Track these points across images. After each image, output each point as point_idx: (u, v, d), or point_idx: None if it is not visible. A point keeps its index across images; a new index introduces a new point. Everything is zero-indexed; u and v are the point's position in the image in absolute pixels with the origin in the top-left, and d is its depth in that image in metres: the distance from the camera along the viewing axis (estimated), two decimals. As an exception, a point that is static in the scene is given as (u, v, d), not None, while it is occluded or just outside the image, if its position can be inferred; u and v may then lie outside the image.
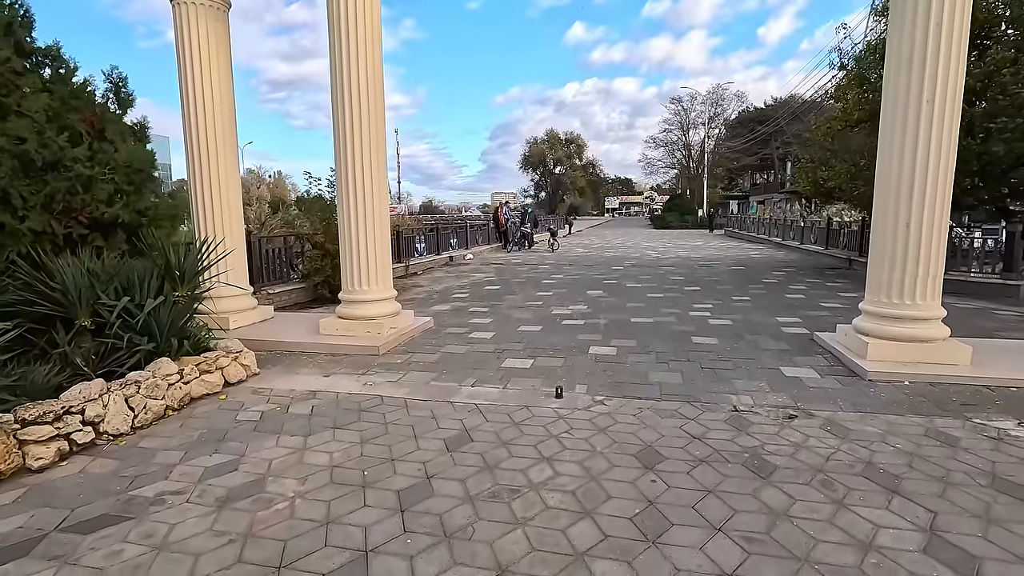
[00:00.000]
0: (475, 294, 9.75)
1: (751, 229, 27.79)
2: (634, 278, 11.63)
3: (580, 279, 11.61)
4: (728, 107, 55.56)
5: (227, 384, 4.58)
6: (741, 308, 7.94)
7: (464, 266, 14.86)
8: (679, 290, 9.86)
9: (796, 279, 11.22)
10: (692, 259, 16.03)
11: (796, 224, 19.44)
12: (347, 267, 6.05)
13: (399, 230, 12.80)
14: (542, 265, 14.67)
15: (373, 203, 5.91)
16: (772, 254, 17.56)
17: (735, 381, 4.59)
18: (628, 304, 8.42)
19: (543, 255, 18.01)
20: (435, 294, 9.84)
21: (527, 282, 11.27)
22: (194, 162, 6.29)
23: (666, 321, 7.08)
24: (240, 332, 6.20)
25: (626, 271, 13.03)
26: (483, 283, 11.26)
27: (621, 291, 9.80)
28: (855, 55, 10.13)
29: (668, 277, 11.74)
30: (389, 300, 6.23)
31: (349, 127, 5.76)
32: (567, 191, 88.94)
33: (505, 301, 8.91)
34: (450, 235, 16.33)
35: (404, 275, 12.62)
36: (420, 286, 11.03)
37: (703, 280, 11.19)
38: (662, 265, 14.31)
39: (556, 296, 9.33)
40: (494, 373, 4.92)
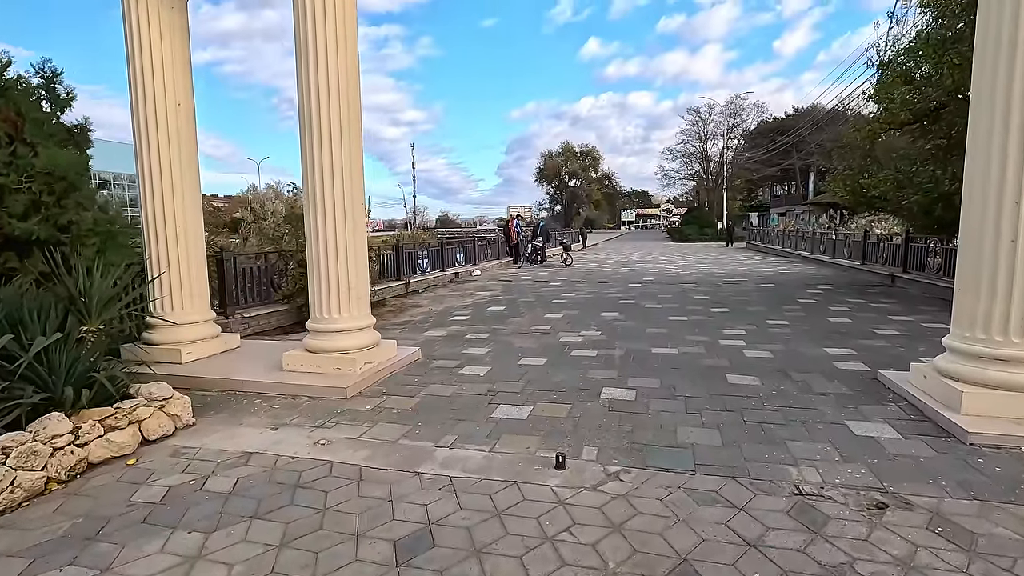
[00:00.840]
0: (476, 316, 8.79)
1: (775, 242, 26.50)
2: (653, 297, 10.58)
3: (594, 299, 10.59)
4: (747, 117, 54.36)
5: (145, 442, 3.66)
6: (780, 335, 6.85)
7: (470, 283, 13.94)
8: (704, 312, 8.78)
9: (835, 298, 10.07)
10: (715, 275, 14.90)
11: (827, 237, 18.19)
12: (314, 291, 5.14)
13: (399, 245, 11.94)
14: (553, 282, 13.68)
15: (345, 215, 5.01)
16: (802, 269, 16.33)
17: (791, 443, 3.54)
18: (647, 330, 7.38)
19: (555, 271, 17.02)
20: (432, 316, 8.90)
21: (535, 302, 10.28)
22: (144, 172, 5.46)
23: (693, 352, 6.03)
24: (192, 367, 5.31)
25: (644, 289, 11.97)
26: (487, 303, 10.30)
27: (639, 313, 8.76)
28: (904, 47, 9.06)
29: (691, 296, 10.66)
30: (365, 330, 5.29)
31: (316, 122, 4.88)
32: (582, 204, 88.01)
33: (508, 325, 7.93)
34: (456, 250, 15.44)
35: (404, 294, 11.73)
36: (419, 306, 10.11)
37: (731, 300, 10.09)
38: (683, 282, 13.22)
39: (566, 319, 8.32)
40: (482, 427, 3.93)
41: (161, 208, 5.47)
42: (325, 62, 4.81)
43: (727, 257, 23.55)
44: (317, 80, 4.82)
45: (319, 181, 4.94)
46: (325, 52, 4.80)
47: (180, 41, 5.55)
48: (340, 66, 4.87)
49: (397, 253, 11.82)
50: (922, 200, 8.76)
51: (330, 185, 4.94)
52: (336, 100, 4.87)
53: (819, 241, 18.73)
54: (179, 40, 5.54)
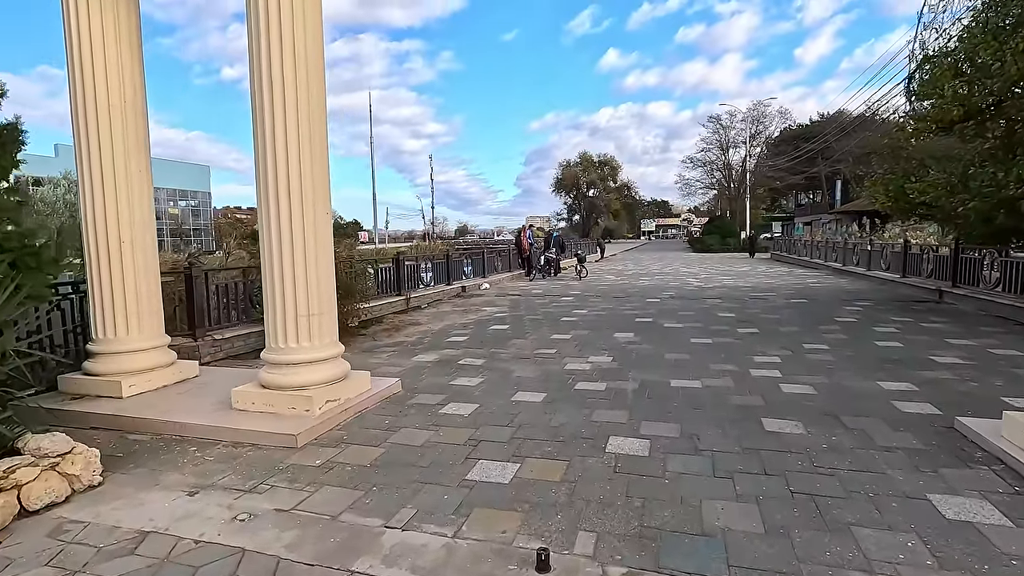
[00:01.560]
0: (476, 337, 7.97)
1: (802, 252, 25.22)
2: (673, 315, 9.63)
3: (607, 316, 9.69)
4: (770, 124, 52.91)
5: (23, 513, 2.91)
6: (821, 364, 5.88)
7: (477, 297, 13.14)
8: (731, 333, 7.83)
9: (879, 317, 9.00)
10: (741, 289, 13.86)
11: (861, 247, 16.98)
12: (268, 315, 4.38)
13: (399, 258, 11.22)
14: (565, 297, 12.81)
15: (305, 225, 4.25)
16: (835, 282, 15.17)
17: (859, 530, 2.62)
18: (666, 355, 6.47)
19: (568, 284, 16.14)
20: (428, 337, 8.11)
21: (543, 320, 9.43)
22: (84, 177, 4.80)
23: (719, 386, 5.11)
24: (133, 404, 4.58)
25: (663, 305, 11.03)
26: (491, 320, 9.48)
27: (657, 334, 7.84)
28: (959, 33, 8.07)
29: (715, 314, 9.69)
30: (329, 362, 4.50)
31: (270, 111, 4.14)
32: (601, 214, 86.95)
33: (509, 348, 7.10)
34: (463, 262, 14.67)
35: (404, 310, 10.97)
36: (417, 324, 9.34)
37: (759, 318, 9.10)
38: (706, 297, 12.23)
39: (575, 341, 7.46)
40: (451, 494, 3.10)
41: (103, 217, 4.79)
42: (279, 41, 4.08)
43: (751, 269, 22.38)
44: (270, 62, 4.10)
45: (272, 183, 4.20)
46: (279, 29, 4.07)
47: (129, 30, 4.89)
48: (300, 47, 4.14)
49: (397, 267, 11.09)
50: (981, 206, 7.72)
51: (285, 188, 4.19)
52: (294, 86, 4.13)
53: (852, 252, 17.51)
54: (129, 30, 4.89)
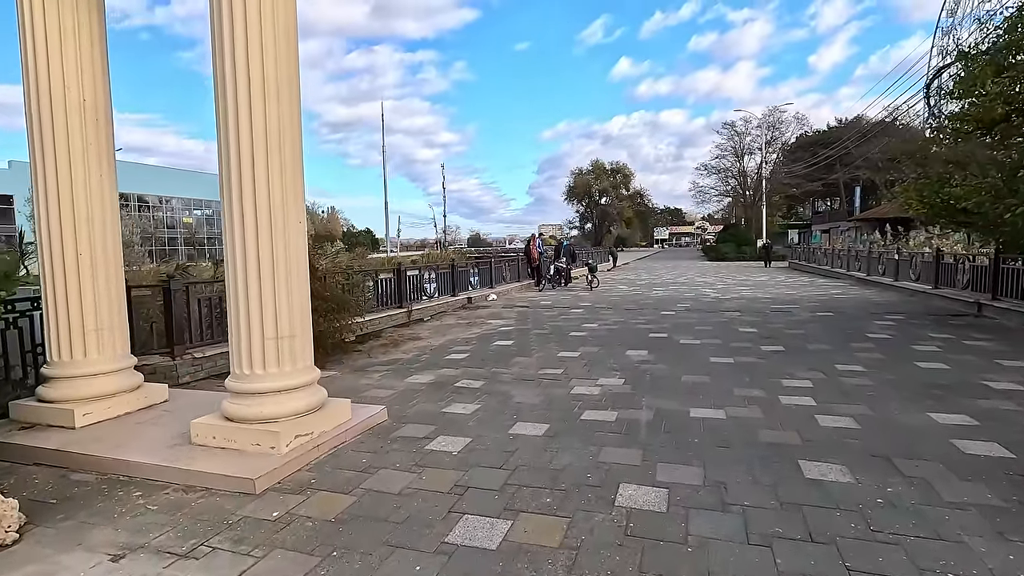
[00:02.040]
0: (478, 354, 7.43)
1: (822, 261, 24.38)
2: (689, 330, 9.00)
3: (619, 331, 9.09)
4: (787, 130, 52.01)
5: (-94, 586, 2.41)
6: (859, 389, 5.24)
7: (483, 309, 12.61)
8: (754, 350, 7.20)
9: (915, 332, 8.31)
10: (761, 300, 13.16)
11: (887, 256, 16.18)
12: (233, 336, 3.88)
13: (400, 268, 10.72)
14: (575, 309, 12.22)
15: (274, 234, 3.76)
16: (860, 294, 14.40)
17: (943, 633, 2.02)
18: (683, 377, 5.87)
19: (579, 295, 15.55)
20: (426, 354, 7.58)
21: (551, 335, 8.86)
22: (38, 183, 4.36)
23: (746, 417, 4.50)
24: (86, 436, 4.10)
25: (679, 318, 10.40)
26: (495, 335, 8.93)
27: (673, 352, 7.24)
28: (1002, 24, 7.43)
29: (735, 328, 9.05)
30: (301, 390, 3.98)
31: (234, 105, 3.66)
32: (613, 222, 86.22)
33: (512, 367, 6.55)
34: (469, 272, 14.15)
35: (405, 323, 10.47)
36: (417, 339, 8.83)
37: (784, 334, 8.44)
38: (724, 309, 11.57)
39: (583, 359, 6.88)
40: (424, 565, 2.54)
41: (57, 226, 4.34)
42: (244, 29, 3.60)
43: (769, 278, 21.59)
44: (234, 43, 3.62)
45: (236, 185, 3.71)
46: (244, 14, 3.59)
47: (90, 21, 4.46)
48: (268, 24, 3.65)
49: (398, 278, 10.60)
50: (1031, 213, 7.04)
51: (251, 190, 3.70)
52: (260, 78, 3.65)
53: (877, 261, 16.71)
54: (90, 21, 4.45)
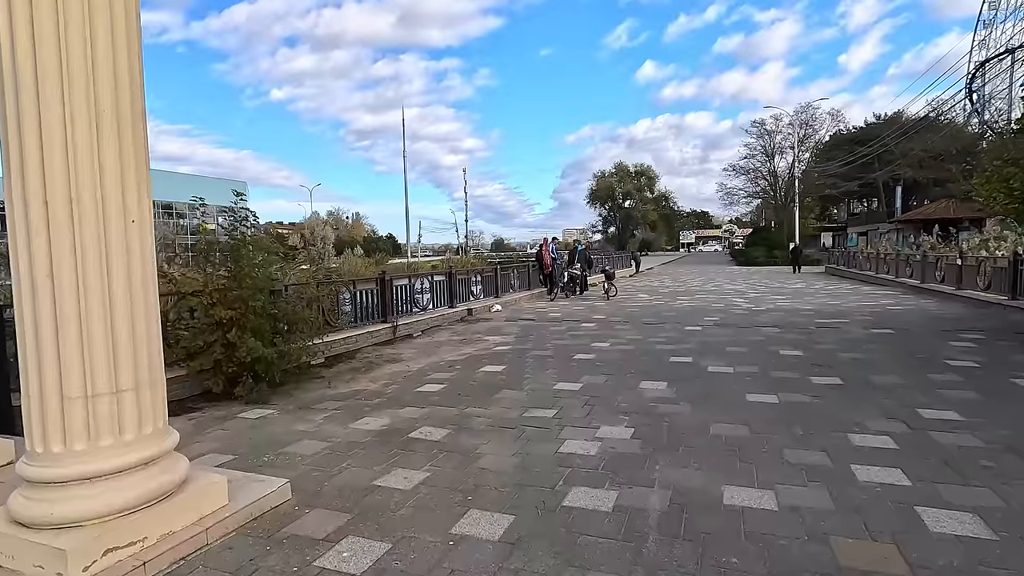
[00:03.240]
0: (457, 386, 6.07)
1: (864, 266, 22.34)
2: (719, 352, 7.48)
3: (633, 353, 7.61)
4: (820, 128, 49.39)
5: None
6: (966, 454, 3.70)
7: (484, 322, 11.26)
8: (803, 383, 5.67)
9: (1006, 357, 6.63)
10: (802, 313, 11.48)
11: (945, 261, 14.27)
12: (24, 394, 2.59)
13: (383, 278, 9.43)
14: (586, 323, 10.76)
15: (80, 229, 2.46)
16: (917, 304, 12.57)
17: None
18: (713, 426, 4.39)
19: (594, 305, 14.07)
20: (396, 383, 6.26)
21: (552, 357, 7.45)
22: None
23: (808, 507, 3.02)
24: None
25: (706, 336, 8.86)
26: (487, 357, 7.56)
27: (698, 386, 5.74)
28: None
29: (775, 350, 7.48)
30: (135, 473, 2.64)
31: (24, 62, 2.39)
32: (637, 225, 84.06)
33: (492, 407, 5.17)
34: (471, 280, 12.81)
35: (389, 340, 9.17)
36: (395, 362, 7.53)
37: (838, 359, 6.86)
38: (759, 324, 9.96)
39: (584, 395, 5.46)
40: None
41: None
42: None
43: (806, 285, 19.71)
44: None
45: (32, 167, 2.43)
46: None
47: None
48: None
49: (382, 288, 9.32)
50: None
51: (37, 166, 2.41)
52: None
53: (934, 266, 14.79)
54: None
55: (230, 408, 5.48)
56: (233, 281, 5.99)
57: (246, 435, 4.58)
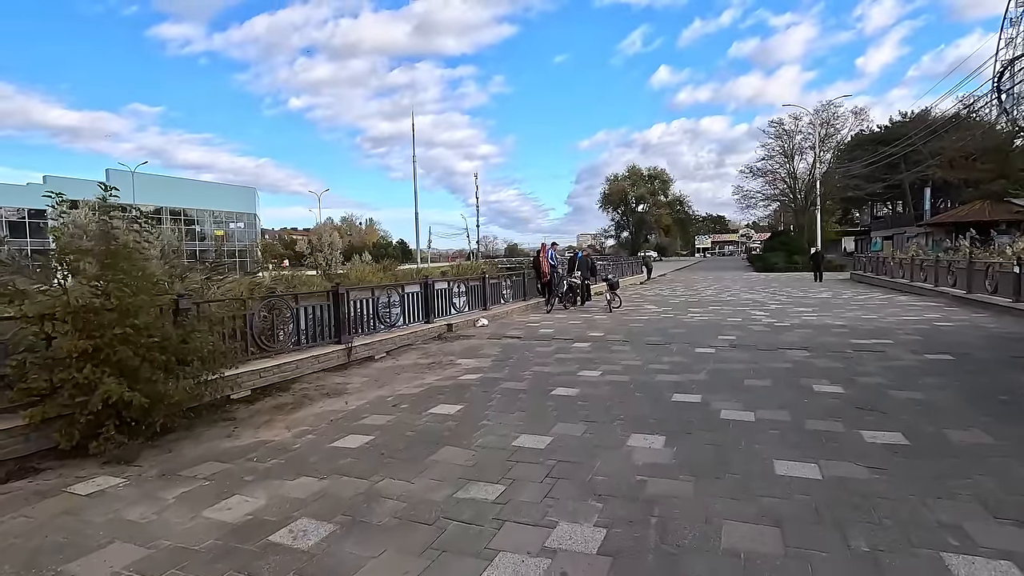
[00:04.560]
0: (388, 437, 4.64)
1: (896, 273, 20.47)
2: (735, 387, 5.94)
3: (627, 386, 6.10)
4: (843, 127, 47.23)
5: None
6: None
7: (464, 340, 9.82)
8: (852, 441, 4.13)
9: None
10: (833, 330, 9.84)
11: (997, 270, 12.48)
12: None
13: (337, 292, 8.02)
14: (579, 342, 9.26)
15: None
16: (969, 319, 10.83)
17: None
18: (725, 525, 2.89)
19: (593, 319, 12.55)
20: (315, 431, 4.85)
21: (525, 392, 5.98)
22: None
23: None
24: None
25: (719, 362, 7.31)
26: (447, 391, 6.12)
27: (707, 444, 4.22)
28: None
29: (806, 384, 5.92)
30: None
31: None
32: (651, 230, 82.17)
33: (418, 477, 3.73)
34: (452, 291, 11.35)
35: (343, 364, 7.78)
36: (337, 395, 6.14)
37: (890, 398, 5.28)
38: (785, 346, 8.37)
39: (550, 456, 3.98)
40: None
41: None
42: None
43: (833, 295, 17.96)
44: None
45: None
46: None
47: None
48: None
49: (335, 302, 7.92)
50: None
51: None
52: None
53: (983, 274, 12.99)
54: None
55: (77, 471, 4.11)
56: (104, 298, 4.65)
57: (42, 530, 3.19)
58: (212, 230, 66.80)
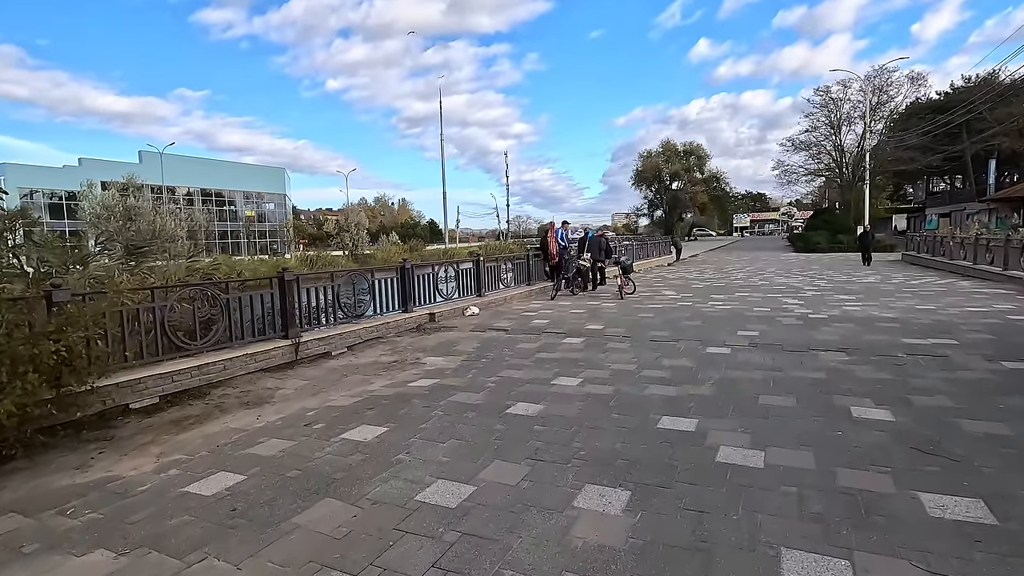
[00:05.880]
0: (262, 482, 3.52)
1: (955, 254, 18.20)
2: (745, 409, 4.56)
3: (606, 405, 4.79)
4: (897, 94, 43.36)
5: None
6: None
7: (446, 332, 8.66)
8: (911, 514, 2.76)
9: None
10: (880, 325, 8.22)
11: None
12: None
13: (282, 277, 6.90)
14: (572, 337, 7.95)
15: None
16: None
17: None
18: None
19: (599, 307, 11.17)
20: (192, 459, 3.78)
21: (476, 409, 4.76)
22: None
23: None
24: None
25: (732, 368, 5.90)
26: (384, 404, 4.97)
27: (688, 511, 2.92)
28: None
29: (842, 406, 4.49)
30: None
31: None
32: (686, 208, 78.82)
33: (255, 560, 2.57)
34: (435, 277, 10.14)
35: (288, 362, 6.72)
36: (256, 405, 5.09)
37: (963, 433, 3.82)
38: (819, 346, 6.87)
39: (458, 525, 2.76)
40: None
41: None
42: None
43: (882, 279, 15.99)
44: None
45: None
46: None
47: None
48: None
49: (282, 290, 6.82)
50: None
51: None
52: None
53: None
54: None
55: None
56: None
57: None
58: (243, 211, 67.44)
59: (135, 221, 37.72)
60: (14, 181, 49.41)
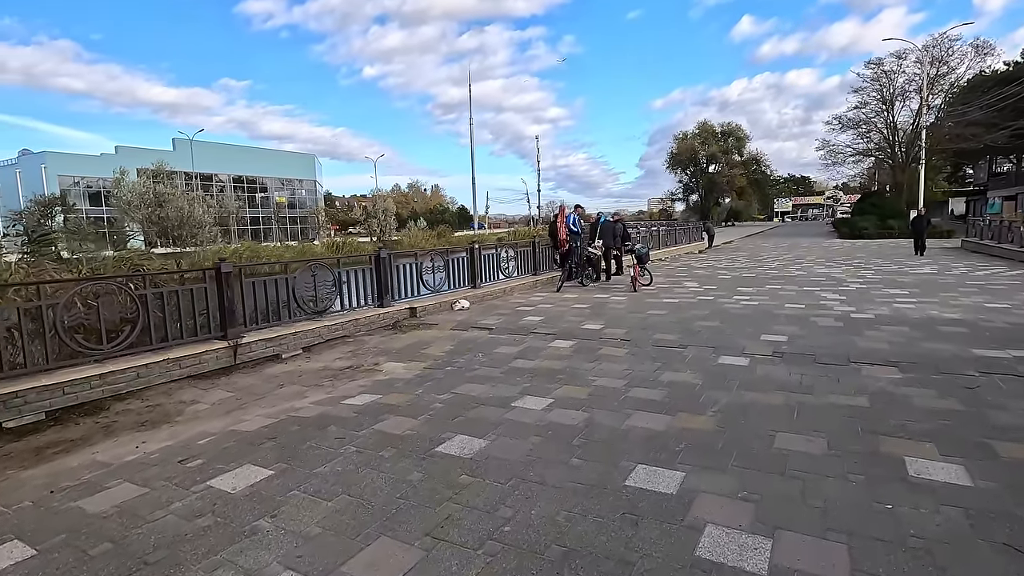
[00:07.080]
0: (56, 559, 2.53)
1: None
2: (757, 456, 3.34)
3: (571, 437, 3.64)
4: (960, 64, 39.66)
5: None
6: None
7: (424, 330, 7.63)
8: None
9: None
10: (942, 330, 6.74)
11: None
12: None
13: (219, 269, 5.94)
14: (562, 339, 6.78)
15: None
16: None
17: None
18: None
19: (607, 300, 9.93)
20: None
21: (398, 447, 3.69)
22: None
23: None
24: None
25: (747, 387, 4.64)
26: (293, 431, 3.97)
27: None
28: None
29: (893, 454, 3.22)
30: None
31: None
32: (723, 192, 75.49)
33: None
34: (420, 268, 9.06)
35: (226, 367, 5.80)
36: (153, 427, 4.20)
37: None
38: (861, 357, 5.50)
39: None
40: None
41: None
42: None
43: (940, 271, 14.12)
44: None
45: None
46: None
47: None
48: None
49: (219, 284, 5.88)
50: None
51: None
52: None
53: None
54: None
55: None
56: None
57: None
58: (275, 197, 68.01)
59: (164, 207, 38.00)
60: (55, 169, 50.95)
